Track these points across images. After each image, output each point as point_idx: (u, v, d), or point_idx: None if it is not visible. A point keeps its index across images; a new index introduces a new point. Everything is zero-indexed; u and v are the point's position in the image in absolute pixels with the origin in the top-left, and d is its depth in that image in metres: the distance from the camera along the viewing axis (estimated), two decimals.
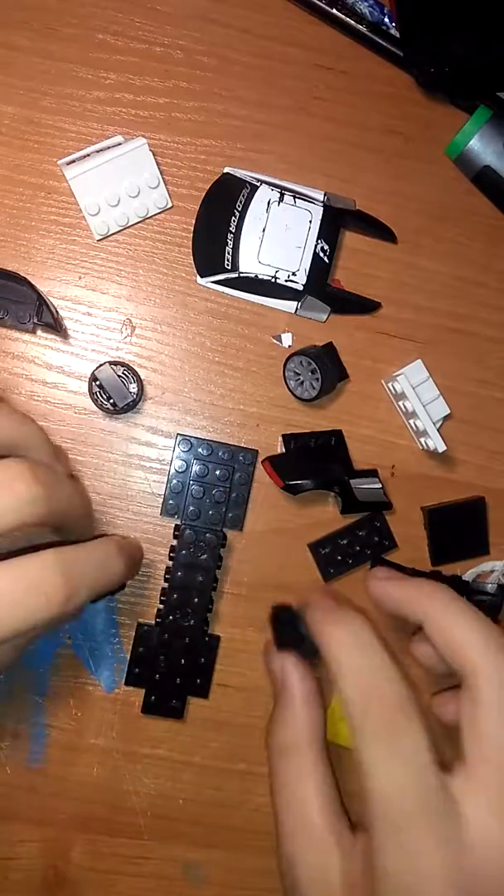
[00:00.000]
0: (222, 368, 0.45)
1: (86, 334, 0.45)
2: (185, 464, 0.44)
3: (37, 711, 0.45)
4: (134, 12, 0.44)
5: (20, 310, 0.43)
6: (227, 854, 0.46)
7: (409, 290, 0.47)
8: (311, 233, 0.44)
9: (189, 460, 0.44)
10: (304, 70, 0.46)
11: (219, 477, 0.44)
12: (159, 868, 0.46)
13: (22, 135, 0.44)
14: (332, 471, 0.45)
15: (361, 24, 0.45)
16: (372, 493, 0.45)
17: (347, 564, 0.46)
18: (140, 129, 0.44)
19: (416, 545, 0.47)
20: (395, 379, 0.45)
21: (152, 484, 0.45)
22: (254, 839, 0.46)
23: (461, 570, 0.47)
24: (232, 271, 0.44)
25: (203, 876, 0.46)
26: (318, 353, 0.44)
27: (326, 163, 0.46)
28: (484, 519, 0.47)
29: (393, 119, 0.46)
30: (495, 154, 0.45)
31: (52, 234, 0.44)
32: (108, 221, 0.44)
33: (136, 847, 0.46)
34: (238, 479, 0.44)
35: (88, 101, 0.44)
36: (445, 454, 0.45)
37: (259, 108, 0.45)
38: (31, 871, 0.45)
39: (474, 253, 0.47)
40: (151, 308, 0.45)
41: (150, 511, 0.45)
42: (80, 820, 0.45)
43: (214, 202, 0.44)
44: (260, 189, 0.44)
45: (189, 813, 0.46)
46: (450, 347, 0.47)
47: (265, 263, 0.44)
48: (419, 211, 0.47)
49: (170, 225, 0.45)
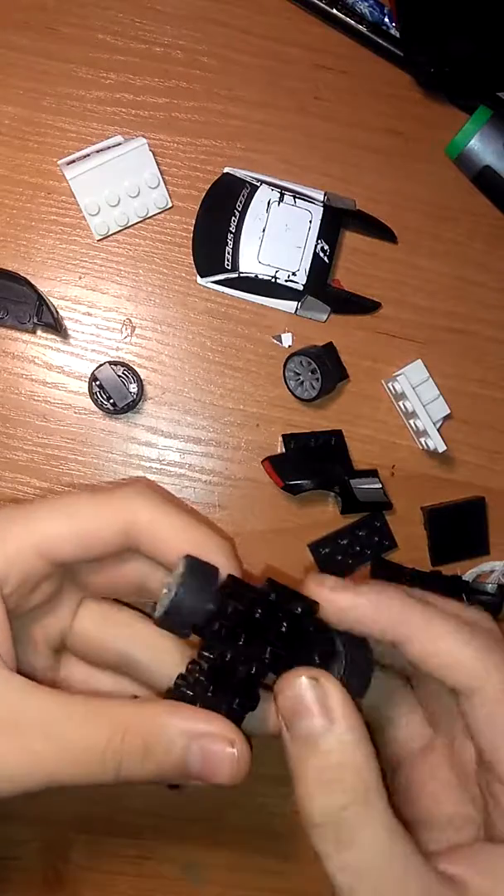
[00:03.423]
0: (222, 368, 0.45)
1: (86, 334, 0.45)
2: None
3: None
4: (134, 12, 0.44)
5: (20, 310, 0.43)
6: (227, 854, 0.46)
7: (409, 290, 0.47)
8: (311, 233, 0.44)
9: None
10: (305, 70, 0.46)
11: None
12: (159, 868, 0.46)
13: (22, 135, 0.44)
14: (332, 471, 0.45)
15: (361, 24, 0.45)
16: (372, 493, 0.45)
17: (347, 564, 0.46)
18: (140, 129, 0.44)
19: (416, 545, 0.47)
20: (395, 379, 0.45)
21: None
22: (254, 839, 0.46)
23: (461, 570, 0.47)
24: (232, 271, 0.44)
25: (203, 876, 0.46)
26: (318, 353, 0.44)
27: (326, 163, 0.46)
28: (484, 519, 0.47)
29: (393, 119, 0.46)
30: (495, 154, 0.45)
31: (52, 234, 0.44)
32: (108, 221, 0.44)
33: (136, 847, 0.46)
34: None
35: (88, 101, 0.44)
36: (445, 454, 0.45)
37: (259, 108, 0.45)
38: (31, 871, 0.45)
39: (474, 253, 0.47)
40: (151, 308, 0.45)
41: None
42: (80, 820, 0.45)
43: (214, 202, 0.44)
44: (260, 189, 0.44)
45: (189, 813, 0.46)
46: (450, 347, 0.47)
47: (265, 263, 0.44)
48: (419, 211, 0.47)
49: (170, 225, 0.45)
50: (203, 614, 0.29)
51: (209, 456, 0.45)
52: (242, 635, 0.28)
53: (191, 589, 0.29)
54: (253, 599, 0.29)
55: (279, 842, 0.47)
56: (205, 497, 0.45)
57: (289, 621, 0.28)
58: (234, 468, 0.45)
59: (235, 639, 0.28)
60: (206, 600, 0.29)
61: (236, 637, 0.28)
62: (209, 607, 0.29)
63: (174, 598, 0.29)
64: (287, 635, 0.28)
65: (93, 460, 0.44)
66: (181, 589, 0.29)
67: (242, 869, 0.46)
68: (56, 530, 0.30)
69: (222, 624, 0.29)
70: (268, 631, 0.28)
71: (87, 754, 0.27)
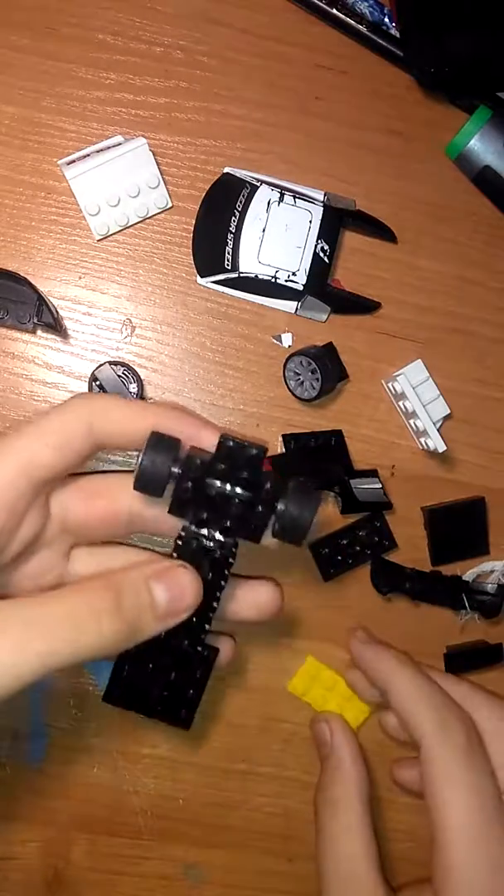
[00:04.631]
0: (222, 368, 0.45)
1: (86, 334, 0.45)
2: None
3: (37, 711, 0.45)
4: (134, 12, 0.44)
5: (20, 310, 0.43)
6: (227, 854, 0.46)
7: (409, 290, 0.47)
8: (311, 233, 0.44)
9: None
10: (304, 70, 0.46)
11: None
12: (159, 868, 0.46)
13: (22, 135, 0.44)
14: (332, 471, 0.45)
15: (361, 24, 0.45)
16: (372, 493, 0.45)
17: (347, 564, 0.46)
18: (140, 129, 0.44)
19: (416, 545, 0.47)
20: (395, 379, 0.45)
21: None
22: (254, 839, 0.46)
23: (461, 570, 0.47)
24: (232, 271, 0.44)
25: (203, 876, 0.46)
26: (318, 353, 0.44)
27: (326, 163, 0.46)
28: (484, 519, 0.47)
29: (393, 119, 0.46)
30: (495, 154, 0.45)
31: (52, 234, 0.44)
32: (108, 221, 0.44)
33: (136, 847, 0.46)
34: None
35: (88, 101, 0.44)
36: (445, 454, 0.45)
37: (259, 108, 0.45)
38: (31, 871, 0.45)
39: (474, 253, 0.47)
40: (151, 308, 0.45)
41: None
42: (80, 820, 0.45)
43: (214, 202, 0.44)
44: (260, 189, 0.44)
45: (189, 813, 0.46)
46: (450, 347, 0.47)
47: (265, 263, 0.44)
48: (419, 211, 0.47)
49: (170, 225, 0.45)
50: (169, 475, 0.34)
51: None
52: (208, 490, 0.34)
53: (155, 453, 0.34)
54: (214, 455, 0.35)
55: (279, 842, 0.47)
56: None
57: (247, 466, 0.34)
58: None
59: (206, 494, 0.34)
60: (169, 463, 0.34)
61: (204, 490, 0.34)
62: (175, 470, 0.34)
63: (141, 464, 0.33)
64: (248, 480, 0.35)
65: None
66: (146, 456, 0.33)
67: (242, 869, 0.46)
68: (36, 446, 0.33)
69: (191, 479, 0.34)
70: (231, 484, 0.35)
71: (69, 622, 0.30)
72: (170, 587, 0.33)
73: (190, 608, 0.33)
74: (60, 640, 0.29)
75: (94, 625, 0.30)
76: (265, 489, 0.35)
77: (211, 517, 0.35)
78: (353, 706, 0.46)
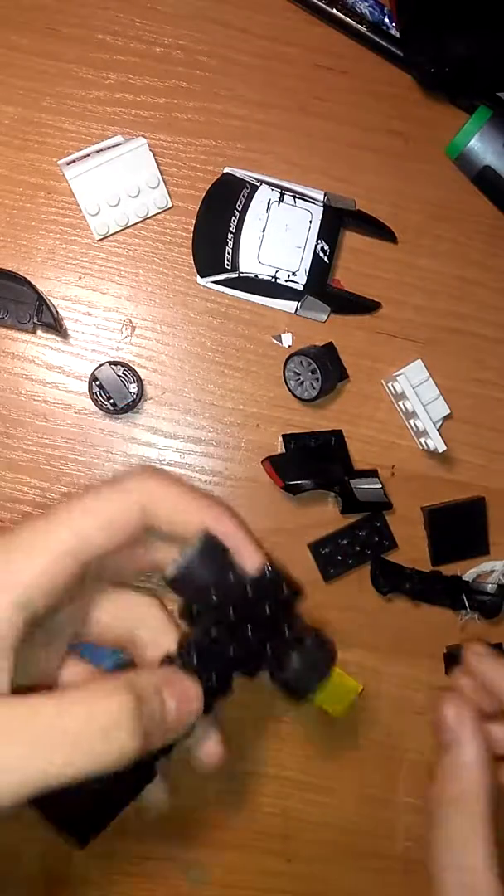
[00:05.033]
0: (222, 368, 0.45)
1: (86, 334, 0.45)
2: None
3: None
4: (134, 12, 0.44)
5: (20, 310, 0.42)
6: (227, 854, 0.46)
7: (409, 290, 0.47)
8: (311, 233, 0.44)
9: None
10: (304, 70, 0.46)
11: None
12: (159, 868, 0.46)
13: (22, 135, 0.44)
14: (332, 471, 0.45)
15: (361, 24, 0.45)
16: (372, 493, 0.45)
17: (347, 564, 0.46)
18: (140, 129, 0.44)
19: (416, 545, 0.47)
20: (395, 379, 0.45)
21: None
22: (254, 839, 0.46)
23: (461, 570, 0.47)
24: (232, 271, 0.44)
25: (203, 876, 0.46)
26: (318, 353, 0.44)
27: (326, 163, 0.46)
28: (484, 519, 0.47)
29: (393, 119, 0.46)
30: (495, 154, 0.45)
31: (52, 234, 0.44)
32: (108, 221, 0.44)
33: (136, 847, 0.46)
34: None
35: (88, 101, 0.44)
36: (445, 454, 0.45)
37: (259, 108, 0.45)
38: (32, 871, 0.45)
39: (474, 253, 0.47)
40: (151, 308, 0.45)
41: None
42: None
43: (214, 202, 0.44)
44: (260, 189, 0.44)
45: (189, 813, 0.46)
46: (450, 347, 0.47)
47: (265, 263, 0.44)
48: (419, 211, 0.47)
49: (170, 225, 0.45)
50: (207, 583, 0.33)
51: (209, 456, 0.45)
52: (231, 611, 0.33)
53: (203, 559, 0.33)
54: (250, 579, 0.34)
55: (279, 842, 0.47)
56: None
57: (273, 605, 0.34)
58: (234, 468, 0.45)
59: (225, 614, 0.33)
60: (212, 572, 0.33)
61: (226, 611, 0.33)
62: (213, 579, 0.33)
63: (189, 563, 0.33)
64: (270, 617, 0.34)
65: (93, 460, 0.44)
66: (195, 559, 0.33)
67: (242, 869, 0.46)
68: (86, 526, 0.31)
69: (218, 596, 0.33)
70: (254, 609, 0.34)
71: (73, 732, 0.28)
72: (180, 697, 0.31)
73: (191, 723, 0.32)
74: (77, 754, 0.27)
75: (114, 734, 0.28)
76: (285, 633, 0.34)
77: (220, 640, 0.34)
78: (340, 692, 0.45)
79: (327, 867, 0.47)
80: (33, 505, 0.44)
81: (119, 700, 0.29)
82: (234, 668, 0.34)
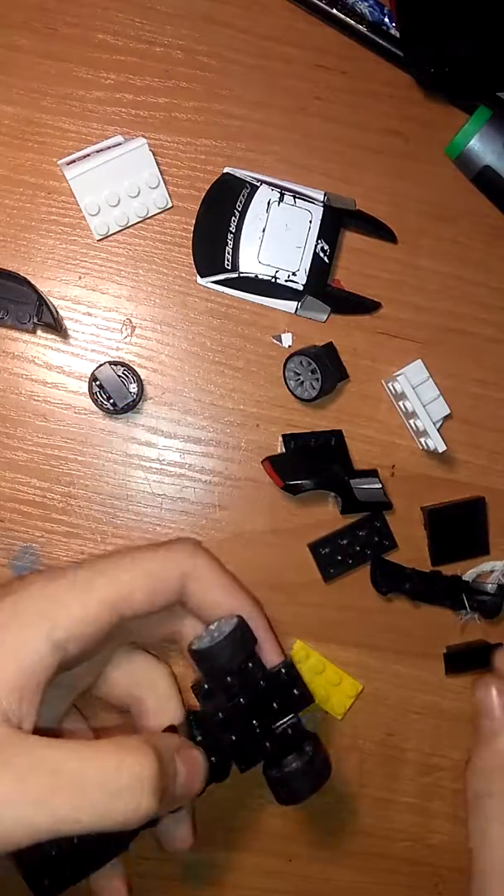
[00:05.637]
0: (222, 368, 0.45)
1: (86, 334, 0.45)
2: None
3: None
4: (134, 12, 0.44)
5: (20, 310, 0.42)
6: (227, 854, 0.46)
7: (409, 290, 0.47)
8: (311, 233, 0.44)
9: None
10: (304, 70, 0.46)
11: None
12: (159, 868, 0.46)
13: (22, 135, 0.44)
14: (332, 471, 0.45)
15: (361, 24, 0.45)
16: (372, 493, 0.45)
17: (347, 564, 0.46)
18: (140, 129, 0.44)
19: (416, 545, 0.47)
20: (395, 379, 0.45)
21: (152, 484, 0.45)
22: (254, 839, 0.46)
23: (461, 570, 0.47)
24: (232, 271, 0.44)
25: (203, 876, 0.46)
26: (318, 353, 0.44)
27: (326, 163, 0.46)
28: (484, 519, 0.47)
29: (393, 119, 0.46)
30: (495, 154, 0.45)
31: (52, 234, 0.44)
32: (108, 221, 0.44)
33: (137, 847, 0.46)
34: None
35: (88, 101, 0.44)
36: (445, 454, 0.45)
37: (259, 108, 0.45)
38: None
39: (474, 253, 0.47)
40: (151, 308, 0.45)
41: (151, 511, 0.45)
42: None
43: (214, 202, 0.44)
44: (260, 189, 0.44)
45: None
46: (450, 347, 0.47)
47: (265, 263, 0.44)
48: (419, 211, 0.47)
49: (170, 225, 0.45)
50: (229, 665, 0.34)
51: (209, 456, 0.45)
52: (241, 700, 0.35)
53: (233, 643, 0.34)
54: (267, 674, 0.35)
55: (279, 842, 0.47)
56: (205, 497, 0.45)
57: (282, 703, 0.35)
58: (234, 468, 0.45)
59: (237, 699, 0.34)
60: (237, 657, 0.34)
61: (238, 697, 0.34)
62: (235, 663, 0.34)
63: (219, 643, 0.34)
64: (276, 713, 0.35)
65: (93, 460, 0.44)
66: (227, 640, 0.34)
67: (242, 869, 0.46)
68: (133, 584, 0.32)
69: (234, 680, 0.34)
70: (263, 703, 0.35)
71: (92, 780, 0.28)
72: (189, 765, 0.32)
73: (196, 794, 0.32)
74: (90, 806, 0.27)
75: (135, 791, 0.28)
76: (287, 733, 0.35)
77: (227, 723, 0.35)
78: (340, 692, 0.46)
79: (327, 867, 0.47)
80: (33, 505, 0.44)
81: (144, 758, 0.28)
82: (233, 754, 0.35)
